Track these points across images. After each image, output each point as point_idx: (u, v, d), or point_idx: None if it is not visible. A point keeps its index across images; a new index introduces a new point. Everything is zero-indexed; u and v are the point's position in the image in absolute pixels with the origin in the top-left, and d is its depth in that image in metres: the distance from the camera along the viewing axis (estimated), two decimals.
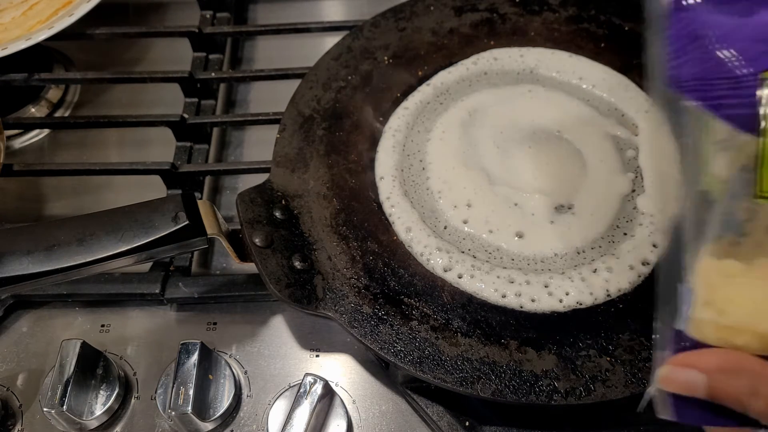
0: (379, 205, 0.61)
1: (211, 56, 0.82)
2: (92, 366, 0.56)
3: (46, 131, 0.80)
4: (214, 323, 0.62)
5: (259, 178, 0.62)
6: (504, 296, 0.54)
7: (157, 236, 0.51)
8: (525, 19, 0.74)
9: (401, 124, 0.67)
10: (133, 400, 0.57)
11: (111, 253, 0.50)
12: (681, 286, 0.37)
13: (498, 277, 0.55)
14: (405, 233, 0.59)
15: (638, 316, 0.53)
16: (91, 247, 0.50)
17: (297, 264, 0.55)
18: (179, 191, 0.68)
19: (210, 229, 0.53)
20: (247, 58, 0.88)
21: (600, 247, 0.58)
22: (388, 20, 0.74)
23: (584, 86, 0.69)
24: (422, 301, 0.54)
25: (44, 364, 0.60)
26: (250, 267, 0.56)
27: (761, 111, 0.35)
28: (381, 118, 0.68)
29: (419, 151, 0.65)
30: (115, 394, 0.56)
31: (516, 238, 0.59)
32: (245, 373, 0.59)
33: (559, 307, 0.54)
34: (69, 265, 0.49)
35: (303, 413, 0.51)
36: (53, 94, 0.83)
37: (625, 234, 0.58)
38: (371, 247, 0.58)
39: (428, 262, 0.57)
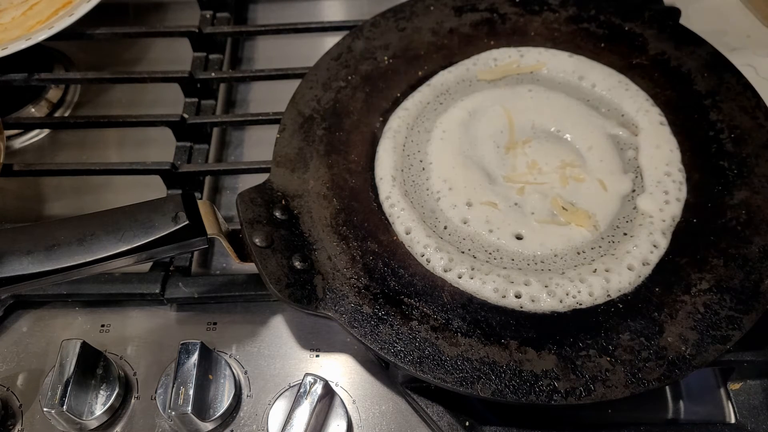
0: (379, 205, 0.61)
1: (211, 56, 0.82)
2: (92, 366, 0.56)
3: (46, 131, 0.80)
4: (214, 323, 0.62)
5: (259, 178, 0.62)
6: (504, 296, 0.54)
7: (157, 236, 0.51)
8: (525, 19, 0.74)
9: (401, 124, 0.66)
10: (133, 400, 0.57)
11: (111, 253, 0.50)
12: None
13: (498, 276, 0.55)
14: (405, 233, 0.59)
15: (638, 316, 0.53)
16: (91, 247, 0.50)
17: (297, 264, 0.55)
18: (179, 191, 0.68)
19: (210, 229, 0.53)
20: (247, 58, 0.88)
21: (600, 247, 0.58)
22: (388, 20, 0.74)
23: (584, 86, 0.69)
24: (422, 301, 0.54)
25: (44, 364, 0.60)
26: (250, 267, 0.56)
27: None
28: (381, 118, 0.68)
29: (419, 152, 0.65)
30: (115, 394, 0.56)
31: (516, 238, 0.59)
32: (245, 373, 0.59)
33: (559, 308, 0.54)
34: (69, 265, 0.49)
35: (303, 413, 0.51)
36: (53, 94, 0.83)
37: (625, 234, 0.58)
38: (371, 247, 0.58)
39: (428, 262, 0.57)
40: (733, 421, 0.56)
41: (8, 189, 0.75)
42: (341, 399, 0.55)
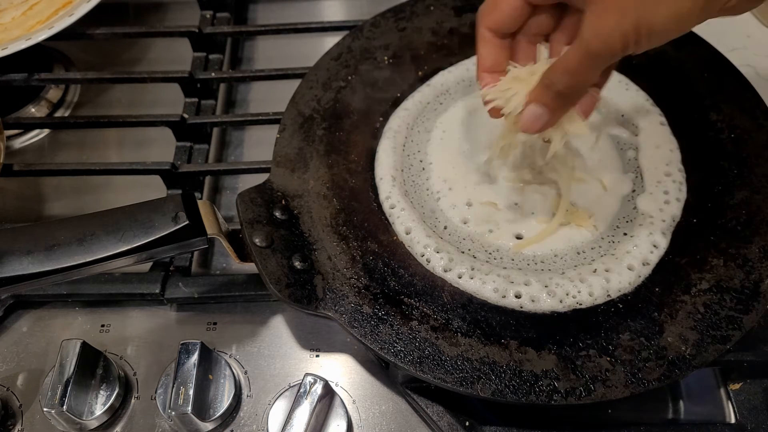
0: (379, 205, 0.61)
1: (211, 56, 0.82)
2: (92, 366, 0.56)
3: (46, 131, 0.80)
4: (214, 323, 0.62)
5: (259, 178, 0.62)
6: (504, 296, 0.54)
7: (157, 236, 0.51)
8: None
9: (401, 124, 0.66)
10: (133, 400, 0.58)
11: (111, 253, 0.50)
12: None
13: (498, 276, 0.55)
14: (405, 233, 0.59)
15: (638, 316, 0.53)
16: (91, 247, 0.50)
17: (297, 264, 0.55)
18: (179, 191, 0.68)
19: (210, 229, 0.53)
20: (247, 58, 0.88)
21: (600, 247, 0.58)
22: (388, 20, 0.74)
23: None
24: (422, 301, 0.54)
25: (44, 364, 0.60)
26: (250, 267, 0.56)
27: None
28: (381, 118, 0.68)
29: (419, 151, 0.65)
30: (115, 394, 0.56)
31: (516, 238, 0.59)
32: (245, 373, 0.59)
33: (559, 308, 0.54)
34: (69, 265, 0.49)
35: (303, 413, 0.51)
36: (53, 94, 0.83)
37: (625, 234, 0.58)
38: (371, 247, 0.58)
39: (428, 262, 0.57)
40: (733, 421, 0.56)
41: (8, 189, 0.75)
42: (341, 399, 0.55)
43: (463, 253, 0.58)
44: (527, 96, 0.48)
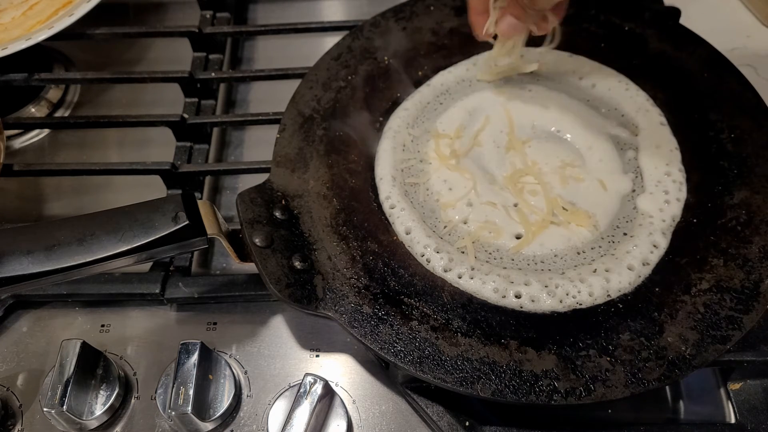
0: (379, 205, 0.61)
1: (211, 56, 0.82)
2: (92, 366, 0.56)
3: (46, 131, 0.80)
4: (214, 323, 0.62)
5: (259, 178, 0.62)
6: (504, 296, 0.54)
7: (157, 236, 0.51)
8: None
9: (401, 124, 0.66)
10: (133, 400, 0.58)
11: (111, 253, 0.50)
12: None
13: (498, 276, 0.55)
14: (405, 233, 0.59)
15: (638, 316, 0.53)
16: (91, 247, 0.50)
17: (297, 264, 0.55)
18: (179, 191, 0.68)
19: (210, 229, 0.53)
20: (247, 58, 0.88)
21: (600, 247, 0.58)
22: (388, 20, 0.74)
23: (584, 86, 0.69)
24: (422, 301, 0.54)
25: (44, 364, 0.60)
26: (250, 267, 0.56)
27: None
28: (381, 118, 0.68)
29: (419, 152, 0.65)
30: (115, 394, 0.56)
31: (516, 238, 0.59)
32: (245, 373, 0.59)
33: (559, 308, 0.54)
34: (69, 265, 0.49)
35: (303, 413, 0.51)
36: (53, 94, 0.83)
37: (625, 234, 0.58)
38: (371, 247, 0.58)
39: (428, 262, 0.57)
40: (733, 421, 0.56)
41: (8, 189, 0.75)
42: (341, 399, 0.55)
43: (463, 253, 0.57)
44: (501, 10, 0.60)
